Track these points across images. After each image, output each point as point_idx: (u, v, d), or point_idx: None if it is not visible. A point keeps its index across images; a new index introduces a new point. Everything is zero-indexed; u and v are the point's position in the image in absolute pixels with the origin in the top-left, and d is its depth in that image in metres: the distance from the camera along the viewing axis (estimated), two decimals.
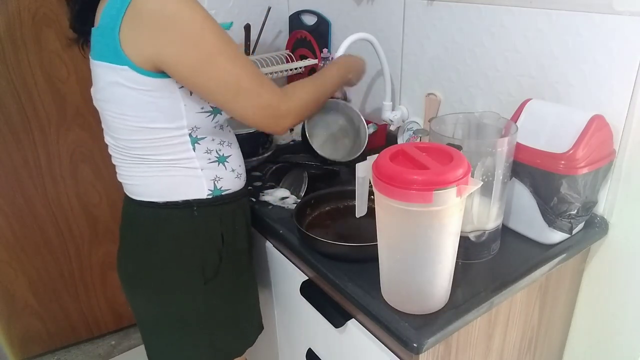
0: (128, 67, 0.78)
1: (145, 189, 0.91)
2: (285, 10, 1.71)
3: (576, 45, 0.94)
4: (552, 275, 0.96)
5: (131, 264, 0.99)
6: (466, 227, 0.86)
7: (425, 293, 0.76)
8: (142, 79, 0.79)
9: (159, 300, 0.98)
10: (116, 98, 0.83)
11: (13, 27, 1.43)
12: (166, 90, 0.81)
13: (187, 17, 0.75)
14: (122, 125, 0.85)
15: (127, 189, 0.95)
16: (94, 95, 0.89)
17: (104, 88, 0.84)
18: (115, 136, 0.89)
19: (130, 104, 0.82)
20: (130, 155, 0.89)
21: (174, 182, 0.90)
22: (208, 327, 1.01)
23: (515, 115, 0.98)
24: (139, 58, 0.77)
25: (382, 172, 0.69)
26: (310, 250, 0.95)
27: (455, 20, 1.16)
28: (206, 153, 0.91)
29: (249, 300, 1.10)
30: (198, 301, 0.97)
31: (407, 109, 1.39)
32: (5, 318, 1.75)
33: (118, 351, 1.91)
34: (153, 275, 0.96)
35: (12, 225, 1.63)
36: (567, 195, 0.87)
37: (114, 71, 0.79)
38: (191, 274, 0.95)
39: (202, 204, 0.93)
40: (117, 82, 0.80)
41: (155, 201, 0.91)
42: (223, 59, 0.79)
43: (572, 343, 1.15)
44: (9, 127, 1.52)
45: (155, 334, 1.05)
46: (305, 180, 1.17)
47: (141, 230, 0.95)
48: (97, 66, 0.83)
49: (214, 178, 0.93)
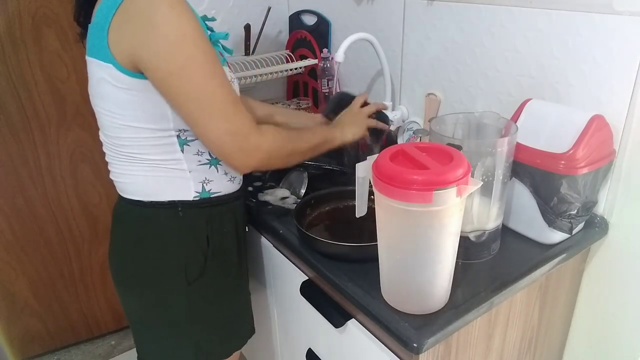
0: (112, 65, 0.78)
1: (133, 187, 0.92)
2: (285, 10, 1.71)
3: (576, 45, 0.94)
4: (552, 275, 0.96)
5: (119, 261, 1.00)
6: (466, 227, 0.86)
7: (425, 293, 0.76)
8: (123, 78, 0.79)
9: (145, 298, 0.98)
10: (104, 95, 0.84)
11: (13, 27, 1.43)
12: (148, 91, 0.80)
13: (171, 23, 0.74)
14: (111, 122, 0.86)
15: (117, 187, 0.96)
16: (89, 91, 0.89)
17: (95, 85, 0.85)
18: (106, 133, 0.90)
19: (116, 101, 0.83)
20: (119, 152, 0.89)
21: (159, 182, 0.90)
22: (193, 327, 1.00)
23: (515, 115, 0.98)
24: (121, 56, 0.77)
25: (382, 172, 0.69)
26: (310, 250, 0.95)
27: (455, 20, 1.16)
28: (196, 155, 0.90)
29: (237, 303, 1.09)
30: (182, 301, 0.97)
31: (407, 109, 1.39)
32: (5, 318, 1.75)
33: (118, 351, 1.91)
34: (139, 272, 0.96)
35: (12, 225, 1.63)
36: (567, 195, 0.87)
37: (101, 68, 0.80)
38: (175, 273, 0.95)
39: (187, 206, 0.92)
40: (104, 79, 0.81)
41: (141, 200, 0.92)
42: (198, 74, 0.77)
43: (572, 343, 1.15)
44: (9, 127, 1.52)
45: (142, 331, 1.05)
46: (305, 180, 1.17)
47: (128, 227, 0.96)
48: (89, 62, 0.84)
49: (202, 180, 0.92)
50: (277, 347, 1.31)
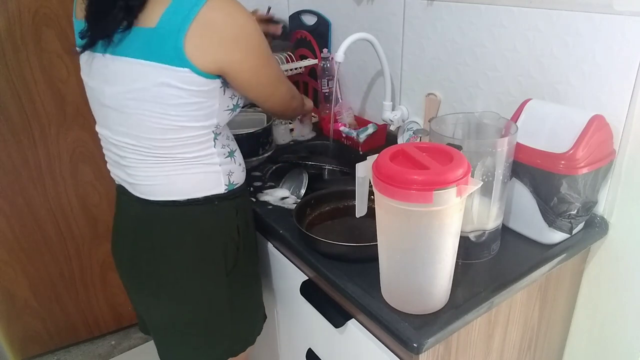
0: (189, 69, 0.81)
1: (167, 188, 0.92)
2: (285, 10, 1.71)
3: (576, 45, 0.95)
4: (552, 275, 0.96)
5: (151, 267, 0.98)
6: (466, 227, 0.86)
7: (425, 293, 0.76)
8: (200, 80, 0.83)
9: (185, 298, 0.99)
10: (161, 97, 0.83)
11: (13, 27, 1.43)
12: (214, 91, 0.87)
13: (252, 29, 0.87)
14: (159, 124, 0.85)
15: (139, 190, 0.94)
16: (120, 95, 0.86)
17: (146, 88, 0.83)
18: (142, 136, 0.87)
19: (175, 103, 0.84)
20: (153, 154, 0.89)
21: (196, 179, 0.93)
22: (232, 317, 1.04)
23: (515, 115, 0.98)
24: (203, 62, 0.82)
25: (382, 172, 0.69)
26: (310, 250, 0.95)
27: (455, 20, 1.16)
28: (222, 148, 0.95)
29: (259, 289, 1.14)
30: (222, 293, 1.01)
31: (407, 109, 1.39)
32: (5, 318, 1.75)
33: (118, 351, 1.91)
34: (177, 273, 0.97)
35: (12, 225, 1.63)
36: (567, 195, 0.87)
37: (169, 72, 0.81)
38: (215, 266, 0.98)
39: (221, 199, 0.96)
40: (168, 82, 0.82)
41: (177, 199, 0.93)
42: (272, 60, 0.94)
43: (572, 343, 1.15)
44: (9, 127, 1.52)
45: (174, 333, 1.04)
46: (305, 180, 1.17)
47: (162, 230, 0.95)
48: (139, 65, 0.82)
49: (228, 173, 0.97)
50: (277, 347, 1.31)
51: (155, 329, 1.09)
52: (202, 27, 0.80)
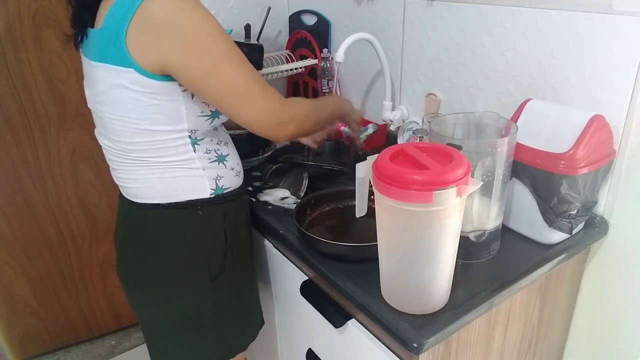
0: (133, 69, 0.78)
1: (149, 191, 0.91)
2: (285, 10, 1.71)
3: (576, 45, 0.94)
4: (552, 275, 0.96)
5: (136, 267, 0.99)
6: (466, 227, 0.86)
7: (425, 293, 0.76)
8: (147, 82, 0.79)
9: (168, 301, 0.98)
10: (119, 100, 0.83)
11: (13, 27, 1.43)
12: (170, 93, 0.82)
13: (195, 25, 0.77)
14: (124, 127, 0.85)
15: (126, 192, 0.95)
16: (92, 97, 0.88)
17: (106, 91, 0.83)
18: (114, 139, 0.88)
19: (133, 106, 0.82)
20: (130, 157, 0.89)
21: (176, 183, 0.91)
22: (216, 323, 1.02)
23: (515, 115, 0.98)
24: (145, 61, 0.78)
25: (382, 172, 0.69)
26: (310, 250, 0.95)
27: (455, 20, 1.16)
28: (206, 153, 0.92)
29: (251, 295, 1.12)
30: (206, 299, 0.99)
31: (407, 109, 1.39)
32: (5, 318, 1.74)
33: (118, 351, 1.91)
34: (160, 276, 0.96)
35: (12, 225, 1.63)
36: (567, 195, 0.87)
37: (118, 73, 0.79)
38: (198, 272, 0.96)
39: (205, 203, 0.94)
40: (121, 84, 0.80)
41: (158, 203, 0.92)
42: (229, 66, 0.81)
43: (572, 343, 1.15)
44: (9, 127, 1.52)
45: (161, 336, 1.05)
46: (305, 180, 1.17)
47: (146, 232, 0.95)
48: (97, 68, 0.83)
49: (215, 177, 0.94)
50: (278, 347, 1.31)
51: (144, 329, 1.09)
52: (140, 23, 0.75)
